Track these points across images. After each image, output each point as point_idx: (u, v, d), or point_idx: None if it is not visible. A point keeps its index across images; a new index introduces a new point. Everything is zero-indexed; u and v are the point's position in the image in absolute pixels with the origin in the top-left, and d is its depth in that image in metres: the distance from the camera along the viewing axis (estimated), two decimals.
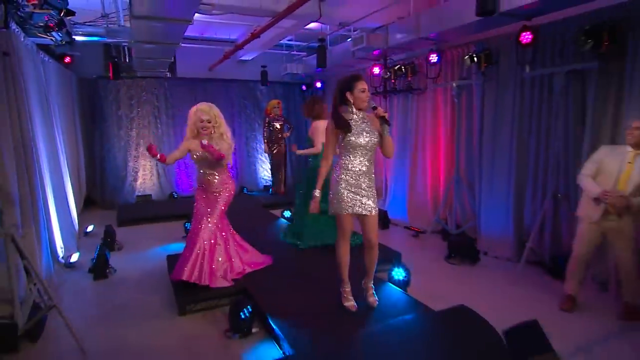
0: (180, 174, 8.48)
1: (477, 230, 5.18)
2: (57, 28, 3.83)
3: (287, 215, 6.22)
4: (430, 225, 5.77)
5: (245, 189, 8.86)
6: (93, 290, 4.08)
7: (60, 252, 4.59)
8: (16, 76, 3.71)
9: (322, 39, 6.03)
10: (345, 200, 2.99)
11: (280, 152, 8.29)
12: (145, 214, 6.95)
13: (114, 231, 5.36)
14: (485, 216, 5.06)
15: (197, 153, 3.67)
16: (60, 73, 5.98)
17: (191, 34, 7.24)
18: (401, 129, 6.60)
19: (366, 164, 3.02)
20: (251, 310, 3.10)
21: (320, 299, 3.42)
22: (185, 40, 5.90)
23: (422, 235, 5.77)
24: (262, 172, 9.36)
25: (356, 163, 3.00)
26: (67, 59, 5.97)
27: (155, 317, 3.45)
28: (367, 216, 3.04)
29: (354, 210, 3.00)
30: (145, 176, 8.26)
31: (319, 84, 8.76)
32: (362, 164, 3.00)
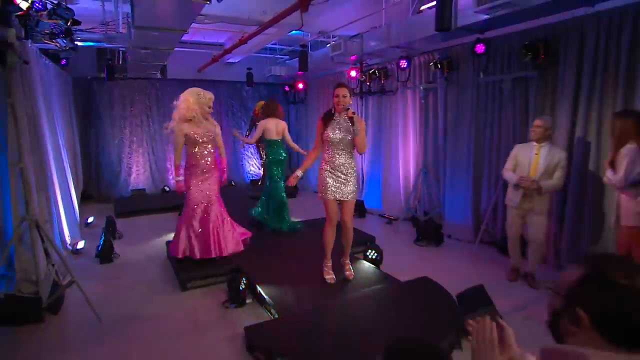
0: (171, 170, 8.82)
1: (442, 217, 5.79)
2: (64, 36, 4.25)
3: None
4: (402, 213, 6.28)
5: (232, 182, 9.25)
6: (101, 273, 4.47)
7: (67, 240, 5.00)
8: (30, 83, 4.13)
9: (304, 45, 6.51)
10: (328, 187, 3.59)
11: None
12: (140, 206, 7.32)
13: (114, 221, 5.71)
14: (449, 204, 5.67)
15: (197, 135, 4.09)
16: (58, 74, 6.28)
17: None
18: (375, 126, 7.11)
19: (344, 156, 3.60)
20: (246, 283, 3.64)
21: (304, 273, 4.00)
22: None
23: (395, 222, 6.30)
24: (249, 167, 9.85)
25: (335, 156, 3.60)
26: (63, 61, 6.33)
27: (160, 293, 3.91)
28: (345, 201, 3.63)
29: (335, 196, 3.59)
30: (138, 171, 8.63)
31: (300, 85, 9.16)
32: (340, 157, 3.59)
